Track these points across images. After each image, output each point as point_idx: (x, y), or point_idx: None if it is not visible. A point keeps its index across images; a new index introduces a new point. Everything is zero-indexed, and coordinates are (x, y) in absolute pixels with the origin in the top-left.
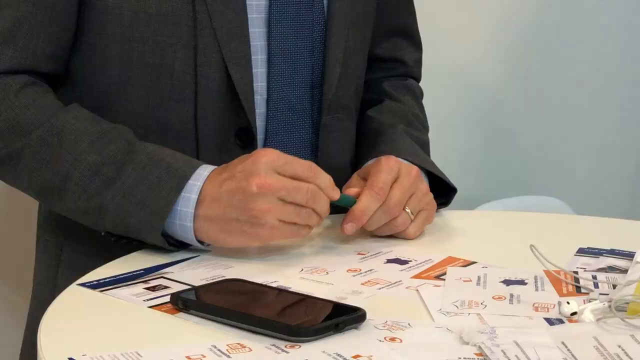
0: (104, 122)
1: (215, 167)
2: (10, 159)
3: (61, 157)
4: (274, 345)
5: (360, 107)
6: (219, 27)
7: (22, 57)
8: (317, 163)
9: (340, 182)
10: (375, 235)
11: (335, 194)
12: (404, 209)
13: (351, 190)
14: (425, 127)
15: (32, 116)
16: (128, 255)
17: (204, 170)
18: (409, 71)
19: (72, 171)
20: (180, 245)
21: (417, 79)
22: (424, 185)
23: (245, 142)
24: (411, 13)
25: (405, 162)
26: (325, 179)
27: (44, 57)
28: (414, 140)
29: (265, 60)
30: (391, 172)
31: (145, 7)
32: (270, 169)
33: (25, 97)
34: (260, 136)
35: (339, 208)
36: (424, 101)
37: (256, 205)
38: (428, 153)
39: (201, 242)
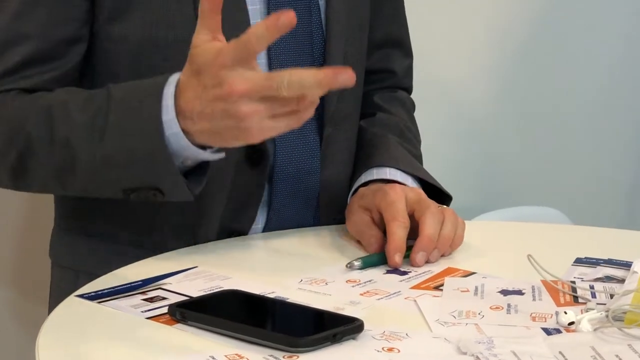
0: (90, 90)
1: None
2: (24, 159)
3: (58, 130)
4: (271, 355)
5: None
6: None
7: (32, 83)
8: (320, 174)
9: (341, 194)
10: None
11: None
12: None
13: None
14: (417, 140)
15: (26, 110)
16: (126, 266)
17: (176, 76)
18: (399, 82)
19: (71, 138)
20: (190, 175)
21: (408, 89)
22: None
23: (255, 160)
24: (401, 23)
25: (408, 185)
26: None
27: (53, 83)
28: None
29: None
30: (402, 200)
31: (150, 35)
32: (237, 70)
33: (23, 97)
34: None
35: (343, 220)
36: (419, 111)
37: (239, 111)
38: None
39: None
